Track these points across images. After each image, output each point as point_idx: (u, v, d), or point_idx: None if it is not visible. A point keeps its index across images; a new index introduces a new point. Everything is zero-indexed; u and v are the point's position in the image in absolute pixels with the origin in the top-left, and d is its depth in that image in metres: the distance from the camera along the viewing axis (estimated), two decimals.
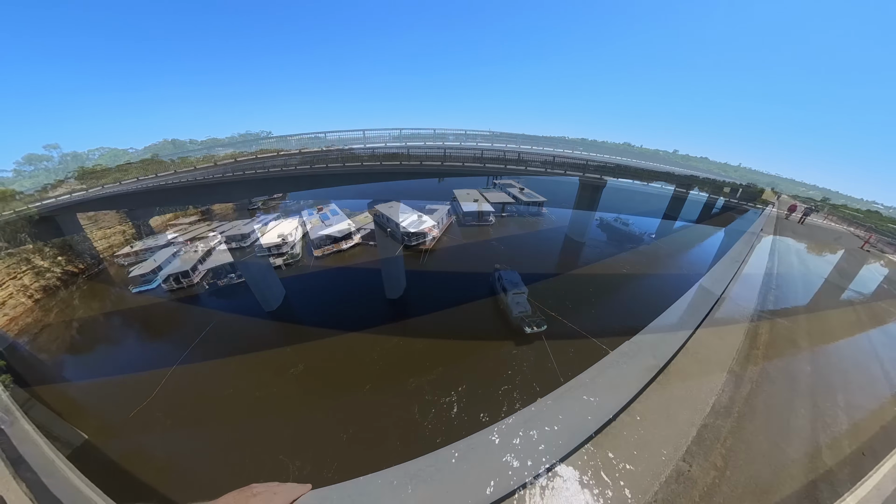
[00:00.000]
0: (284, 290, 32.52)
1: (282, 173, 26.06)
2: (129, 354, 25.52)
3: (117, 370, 23.16)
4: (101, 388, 21.48)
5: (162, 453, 16.40)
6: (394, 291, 29.49)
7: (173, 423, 18.17)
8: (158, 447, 16.76)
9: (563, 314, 26.53)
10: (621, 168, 34.76)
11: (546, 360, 21.10)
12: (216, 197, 33.57)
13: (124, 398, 20.10)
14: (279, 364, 22.44)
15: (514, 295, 25.27)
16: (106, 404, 19.91)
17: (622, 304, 29.10)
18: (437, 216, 48.25)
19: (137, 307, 32.43)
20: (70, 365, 24.87)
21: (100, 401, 20.32)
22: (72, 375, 23.48)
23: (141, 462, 15.80)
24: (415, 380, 19.89)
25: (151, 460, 15.96)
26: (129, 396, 20.16)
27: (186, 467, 15.66)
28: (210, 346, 25.07)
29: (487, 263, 36.48)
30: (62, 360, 25.23)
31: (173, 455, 16.29)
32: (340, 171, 23.82)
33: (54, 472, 4.74)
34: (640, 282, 34.39)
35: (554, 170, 26.97)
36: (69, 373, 23.84)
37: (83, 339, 28.14)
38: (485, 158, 23.04)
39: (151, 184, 36.04)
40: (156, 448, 16.70)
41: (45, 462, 4.91)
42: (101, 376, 22.84)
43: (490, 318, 26.50)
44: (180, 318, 30.30)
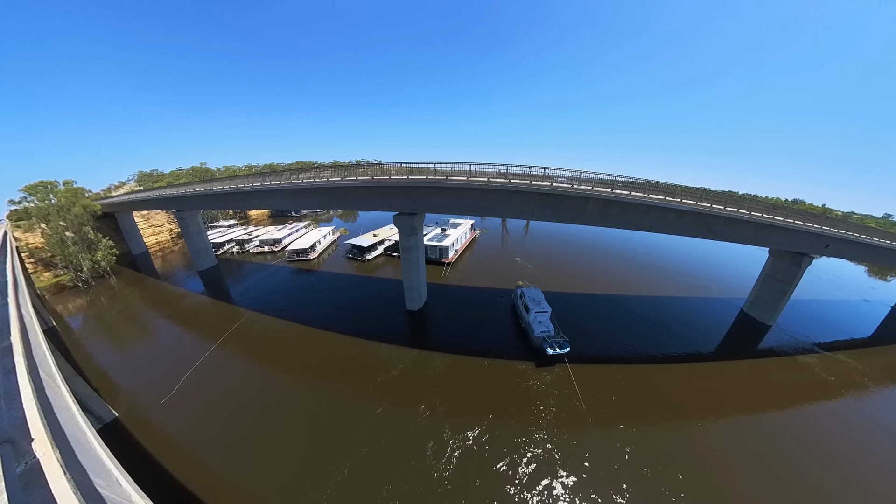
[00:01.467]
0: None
1: (315, 184, 27.22)
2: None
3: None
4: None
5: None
6: (414, 303, 29.39)
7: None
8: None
9: (587, 336, 25.29)
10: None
11: (568, 386, 19.92)
12: (251, 203, 35.60)
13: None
14: (303, 366, 22.72)
15: (537, 314, 24.34)
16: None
17: (651, 328, 27.32)
18: (460, 231, 48.51)
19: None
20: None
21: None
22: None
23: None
24: (432, 401, 18.80)
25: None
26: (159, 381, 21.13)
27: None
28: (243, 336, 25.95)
29: (509, 280, 35.99)
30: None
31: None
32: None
33: (85, 443, 4.87)
34: (672, 304, 32.48)
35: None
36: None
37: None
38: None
39: (199, 188, 38.83)
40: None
41: (79, 433, 5.08)
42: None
43: (511, 335, 25.64)
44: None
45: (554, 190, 20.39)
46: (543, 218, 22.38)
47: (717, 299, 34.50)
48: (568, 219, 22.01)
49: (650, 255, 50.46)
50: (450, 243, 42.38)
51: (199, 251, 45.00)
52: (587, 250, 51.16)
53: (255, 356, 24.05)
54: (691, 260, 49.33)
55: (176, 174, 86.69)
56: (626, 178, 20.55)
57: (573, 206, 21.20)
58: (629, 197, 20.06)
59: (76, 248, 44.67)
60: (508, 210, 22.77)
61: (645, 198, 20.26)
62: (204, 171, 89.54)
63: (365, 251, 45.21)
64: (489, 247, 52.09)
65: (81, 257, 44.32)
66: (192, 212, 43.26)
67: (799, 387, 20.96)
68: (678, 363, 22.76)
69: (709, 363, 23.10)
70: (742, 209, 22.48)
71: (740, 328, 28.44)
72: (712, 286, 38.46)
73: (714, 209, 21.36)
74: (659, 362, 22.69)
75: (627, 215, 21.30)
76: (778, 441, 16.75)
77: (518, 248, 51.54)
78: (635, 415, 17.84)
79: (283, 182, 29.22)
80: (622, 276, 39.67)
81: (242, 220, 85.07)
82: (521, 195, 21.52)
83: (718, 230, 22.90)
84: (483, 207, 23.20)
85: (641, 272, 41.91)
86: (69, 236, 45.08)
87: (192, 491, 14.20)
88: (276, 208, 57.68)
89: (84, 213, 47.85)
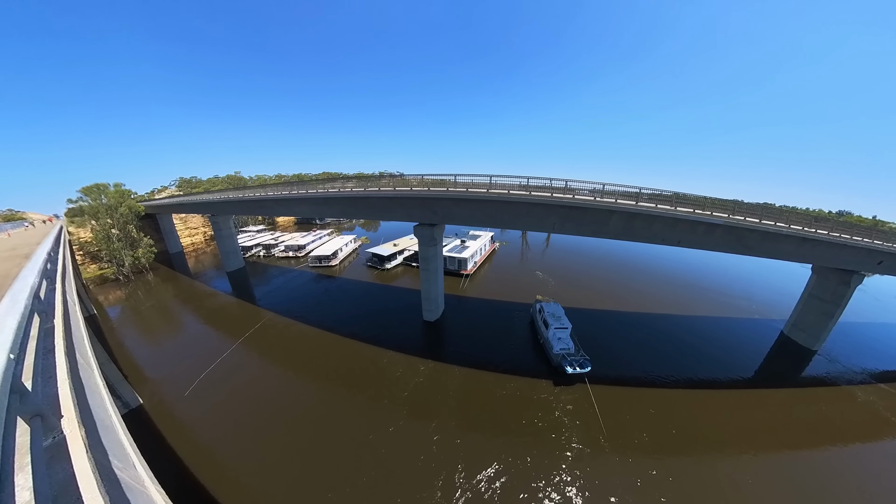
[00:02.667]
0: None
1: (339, 194, 28.18)
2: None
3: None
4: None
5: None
6: (431, 313, 29.25)
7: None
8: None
9: (609, 356, 24.00)
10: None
11: (588, 409, 18.88)
12: (279, 210, 37.25)
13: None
14: (318, 369, 22.97)
15: (557, 330, 23.50)
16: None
17: (680, 350, 25.56)
18: (479, 243, 48.33)
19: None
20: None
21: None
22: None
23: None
24: (445, 420, 18.06)
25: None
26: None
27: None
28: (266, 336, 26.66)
29: (528, 294, 35.21)
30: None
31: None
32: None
33: (109, 426, 5.06)
34: (703, 324, 30.41)
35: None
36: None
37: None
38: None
39: (232, 195, 41.07)
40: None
41: (104, 416, 5.30)
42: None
43: (528, 351, 24.81)
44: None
45: (576, 202, 19.85)
46: (565, 231, 21.74)
47: (754, 320, 32.07)
48: (590, 232, 21.28)
49: (680, 271, 48.01)
50: (469, 255, 42.25)
51: (229, 253, 47.19)
52: (611, 265, 49.30)
53: (273, 358, 24.58)
54: (725, 277, 46.41)
55: (213, 181, 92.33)
56: (652, 190, 19.74)
57: (596, 220, 20.50)
58: (655, 210, 19.17)
59: (120, 244, 48.38)
60: (529, 223, 22.37)
61: (672, 211, 19.25)
62: (238, 179, 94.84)
63: (385, 260, 45.86)
64: (508, 259, 51.44)
65: (124, 253, 47.93)
66: (224, 216, 45.72)
67: (850, 422, 18.76)
68: (710, 389, 21.08)
69: (745, 391, 21.23)
70: (780, 222, 20.83)
71: (781, 353, 26.12)
72: (749, 306, 35.83)
73: (748, 222, 20.00)
74: (688, 387, 21.13)
75: (654, 229, 20.31)
76: (824, 483, 14.97)
77: (538, 261, 50.53)
78: (661, 445, 16.53)
79: (310, 191, 30.39)
80: (649, 293, 37.74)
81: (270, 226, 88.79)
82: (542, 208, 21.14)
83: (754, 245, 21.31)
84: (503, 220, 22.95)
85: (670, 289, 39.75)
86: (115, 233, 49.01)
87: (201, 481, 14.65)
88: (302, 216, 60.10)
89: (129, 212, 51.87)
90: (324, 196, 29.26)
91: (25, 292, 5.37)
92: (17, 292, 5.45)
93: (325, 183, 30.68)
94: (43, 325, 6.49)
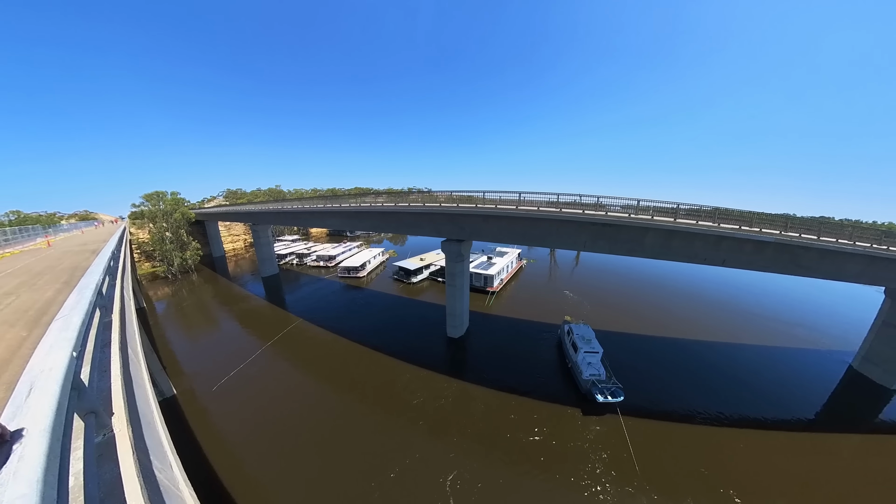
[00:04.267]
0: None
1: (370, 208, 29.18)
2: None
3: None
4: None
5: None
6: (456, 330, 28.80)
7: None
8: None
9: (644, 385, 22.17)
10: None
11: (619, 443, 17.38)
12: (313, 222, 39.14)
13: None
14: (342, 378, 23.19)
15: (586, 354, 22.21)
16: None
17: (727, 383, 23.01)
18: (506, 260, 47.56)
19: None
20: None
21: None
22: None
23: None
24: (465, 444, 17.50)
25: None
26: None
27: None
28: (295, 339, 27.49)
29: (556, 314, 33.84)
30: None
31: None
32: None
33: (151, 422, 5.28)
34: (755, 354, 27.27)
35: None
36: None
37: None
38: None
39: (272, 207, 43.82)
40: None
41: (147, 412, 5.54)
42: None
43: (556, 375, 23.56)
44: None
45: (608, 220, 18.97)
46: (597, 249, 20.71)
47: (815, 351, 28.40)
48: (625, 251, 20.09)
49: (726, 294, 43.90)
50: (495, 272, 41.60)
51: (265, 260, 49.84)
52: (648, 286, 46.17)
53: (299, 363, 25.22)
54: (780, 301, 41.89)
55: (255, 193, 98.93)
56: (691, 205, 18.44)
57: (630, 237, 19.38)
58: (695, 227, 17.80)
59: (171, 246, 53.19)
60: (559, 240, 21.65)
61: (715, 228, 17.77)
62: (278, 192, 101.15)
63: (411, 274, 46.24)
64: (536, 277, 50.05)
65: (174, 254, 52.57)
66: (264, 226, 48.65)
67: None
68: (762, 430, 18.65)
69: (806, 434, 18.56)
70: (842, 238, 18.52)
71: (850, 391, 22.76)
72: (808, 335, 31.84)
73: (804, 239, 17.79)
74: (735, 426, 18.84)
75: (694, 248, 18.73)
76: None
77: (567, 280, 48.63)
78: (702, 489, 14.70)
79: (342, 205, 31.71)
80: (691, 318, 34.75)
81: (304, 236, 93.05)
82: (573, 225, 20.39)
83: (811, 265, 18.89)
84: (532, 237, 22.44)
85: (715, 314, 36.38)
86: (168, 236, 53.93)
87: (218, 474, 15.31)
88: (334, 228, 62.64)
89: (182, 218, 57.05)
90: (355, 210, 30.39)
91: (91, 289, 5.83)
92: (83, 289, 5.93)
93: (357, 197, 31.91)
94: (102, 319, 6.99)
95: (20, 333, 6.90)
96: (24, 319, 7.68)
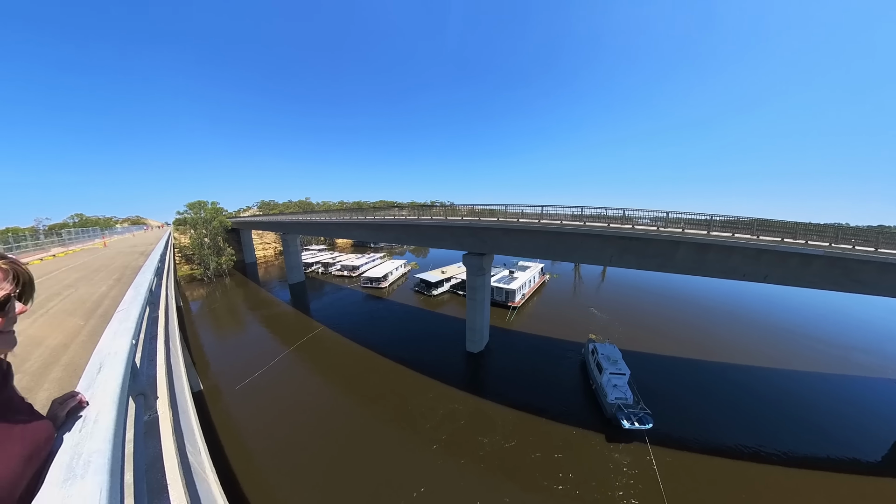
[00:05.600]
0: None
1: (395, 221, 30.05)
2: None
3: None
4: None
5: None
6: (475, 345, 28.43)
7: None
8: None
9: (676, 412, 20.65)
10: None
11: (647, 473, 16.20)
12: (339, 233, 40.87)
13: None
14: (360, 388, 23.43)
15: (612, 375, 21.15)
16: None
17: (773, 414, 20.86)
18: (528, 274, 46.82)
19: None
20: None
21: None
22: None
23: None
24: (481, 469, 17.04)
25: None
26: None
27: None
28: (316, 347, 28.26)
29: (580, 332, 32.64)
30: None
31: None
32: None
33: (186, 409, 5.75)
34: (805, 382, 24.77)
35: None
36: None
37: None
38: None
39: (301, 218, 46.19)
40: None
41: (183, 400, 6.06)
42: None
43: (579, 396, 22.51)
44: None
45: (635, 233, 18.21)
46: (623, 264, 19.87)
47: (879, 380, 25.31)
48: (654, 266, 19.01)
49: (770, 313, 40.35)
50: (517, 286, 40.99)
51: (293, 268, 52.03)
52: (680, 303, 43.54)
53: (319, 368, 25.80)
54: (835, 322, 37.95)
55: (287, 204, 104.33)
56: (726, 216, 17.25)
57: (660, 251, 18.36)
58: (731, 240, 16.57)
59: (209, 251, 57.35)
60: (583, 255, 21.07)
61: (753, 240, 16.43)
62: (307, 204, 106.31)
63: (432, 286, 46.45)
64: (559, 293, 48.74)
65: (211, 259, 56.72)
66: (293, 235, 51.07)
67: None
68: (815, 470, 16.57)
69: (869, 479, 16.21)
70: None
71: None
72: (870, 361, 28.45)
73: (858, 252, 15.84)
74: (783, 464, 16.94)
75: (731, 262, 17.30)
76: None
77: (592, 296, 47.00)
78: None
79: (367, 218, 32.81)
80: (730, 340, 32.10)
81: (330, 246, 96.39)
82: (598, 239, 19.81)
83: (869, 280, 16.54)
84: (555, 251, 22.03)
85: (758, 336, 33.39)
86: (206, 242, 58.12)
87: (234, 470, 15.97)
88: (359, 239, 64.61)
89: (219, 226, 61.41)
90: (379, 222, 31.31)
91: (145, 286, 6.45)
92: (138, 286, 6.55)
93: (381, 210, 32.92)
94: (151, 315, 7.64)
95: (78, 322, 7.68)
96: (81, 310, 8.50)
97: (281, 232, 52.95)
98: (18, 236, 27.64)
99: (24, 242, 26.32)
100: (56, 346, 6.20)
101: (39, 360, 5.55)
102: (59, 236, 32.39)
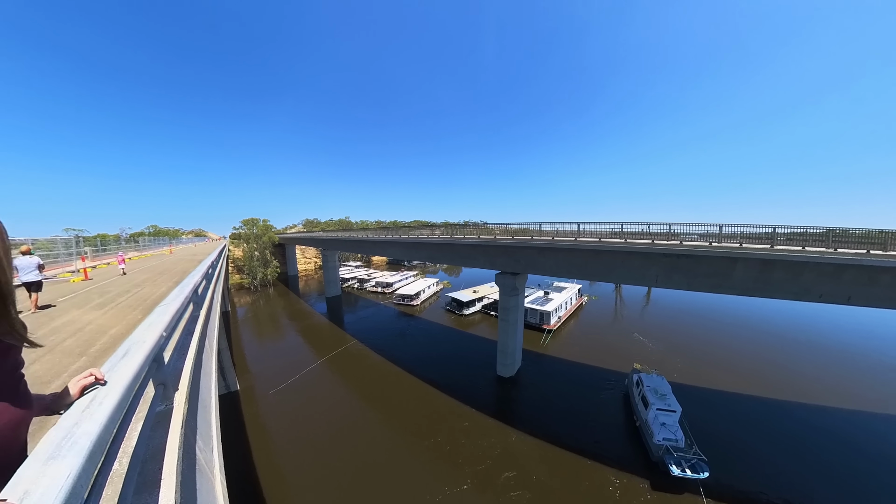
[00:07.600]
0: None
1: (429, 239, 30.70)
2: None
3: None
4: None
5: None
6: (506, 369, 27.01)
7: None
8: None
9: (737, 459, 17.63)
10: None
11: None
12: (375, 251, 42.59)
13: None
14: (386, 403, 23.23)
15: (659, 412, 18.71)
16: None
17: (864, 464, 16.90)
18: (565, 295, 44.50)
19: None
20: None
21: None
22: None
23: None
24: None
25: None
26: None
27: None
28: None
29: (623, 360, 29.84)
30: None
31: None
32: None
33: (206, 406, 5.93)
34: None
35: None
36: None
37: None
38: None
39: (340, 235, 48.95)
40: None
41: (206, 396, 6.34)
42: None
43: (621, 434, 20.09)
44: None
45: (683, 249, 16.34)
46: (671, 285, 17.74)
47: None
48: (707, 287, 16.68)
49: (856, 343, 34.17)
50: (552, 308, 39.01)
51: (331, 282, 54.52)
52: (742, 330, 38.32)
53: (349, 381, 26.12)
54: None
55: (328, 223, 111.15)
56: (792, 227, 14.84)
57: (713, 270, 16.14)
58: (802, 254, 13.99)
59: (257, 263, 63.08)
60: (624, 275, 19.29)
61: (830, 254, 13.77)
62: (347, 222, 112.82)
63: (464, 306, 45.81)
64: (599, 316, 45.43)
65: (258, 270, 62.31)
66: (332, 251, 53.91)
67: None
68: None
69: None
70: None
71: None
72: None
73: None
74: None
75: (803, 281, 14.54)
76: None
77: (636, 320, 43.10)
78: None
79: (402, 236, 33.72)
80: (807, 375, 27.36)
81: (366, 263, 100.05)
82: (640, 257, 18.07)
83: None
84: (593, 271, 20.58)
85: (843, 371, 28.15)
86: (256, 254, 63.96)
87: (258, 474, 16.50)
88: (393, 257, 66.56)
89: (268, 241, 67.51)
90: (414, 241, 32.02)
91: (189, 287, 6.99)
92: (183, 286, 7.09)
93: (416, 229, 33.72)
94: (193, 314, 8.19)
95: (137, 316, 8.71)
96: (142, 306, 9.64)
97: (322, 248, 56.09)
98: (105, 241, 32.76)
99: (109, 246, 31.62)
100: (116, 334, 7.22)
101: (100, 346, 6.54)
102: (136, 242, 37.43)
